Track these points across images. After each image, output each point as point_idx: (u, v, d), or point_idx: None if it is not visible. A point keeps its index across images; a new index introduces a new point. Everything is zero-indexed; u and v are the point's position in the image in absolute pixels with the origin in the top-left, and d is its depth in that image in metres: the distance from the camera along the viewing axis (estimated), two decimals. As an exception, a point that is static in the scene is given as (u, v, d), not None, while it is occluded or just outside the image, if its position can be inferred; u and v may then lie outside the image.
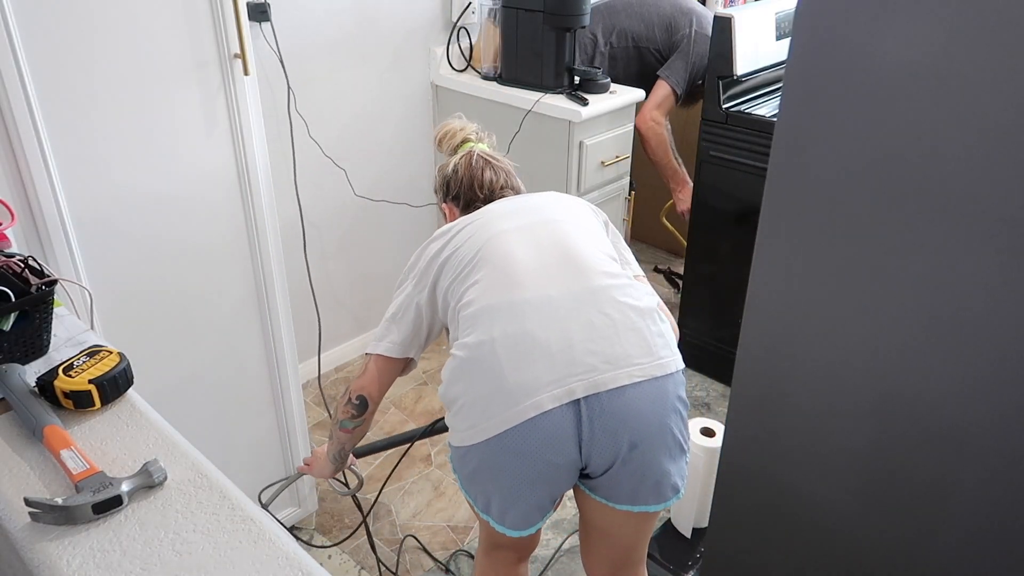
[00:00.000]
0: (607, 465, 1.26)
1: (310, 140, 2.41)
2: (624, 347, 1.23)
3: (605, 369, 1.21)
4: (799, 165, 1.09)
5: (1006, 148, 0.91)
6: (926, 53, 0.93)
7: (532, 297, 1.26)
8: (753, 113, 2.37)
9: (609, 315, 1.25)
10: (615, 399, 1.21)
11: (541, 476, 1.25)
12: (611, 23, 2.72)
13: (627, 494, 1.30)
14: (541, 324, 1.23)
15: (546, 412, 1.19)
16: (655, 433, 1.25)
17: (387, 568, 2.03)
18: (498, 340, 1.24)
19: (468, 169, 1.57)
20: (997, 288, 0.97)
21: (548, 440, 1.21)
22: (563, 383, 1.20)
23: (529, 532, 1.32)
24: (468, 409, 1.25)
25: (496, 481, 1.27)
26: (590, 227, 1.43)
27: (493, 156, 1.60)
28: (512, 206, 1.45)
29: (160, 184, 1.55)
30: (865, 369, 1.13)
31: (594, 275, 1.30)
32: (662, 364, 1.25)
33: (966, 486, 1.09)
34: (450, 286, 1.36)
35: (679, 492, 1.33)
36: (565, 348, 1.22)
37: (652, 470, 1.27)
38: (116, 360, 1.08)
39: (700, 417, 2.17)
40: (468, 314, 1.29)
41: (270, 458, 2.00)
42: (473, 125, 1.68)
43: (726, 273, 2.56)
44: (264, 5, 2.11)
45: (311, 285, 2.37)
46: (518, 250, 1.32)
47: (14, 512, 0.90)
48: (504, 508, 1.29)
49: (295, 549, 0.85)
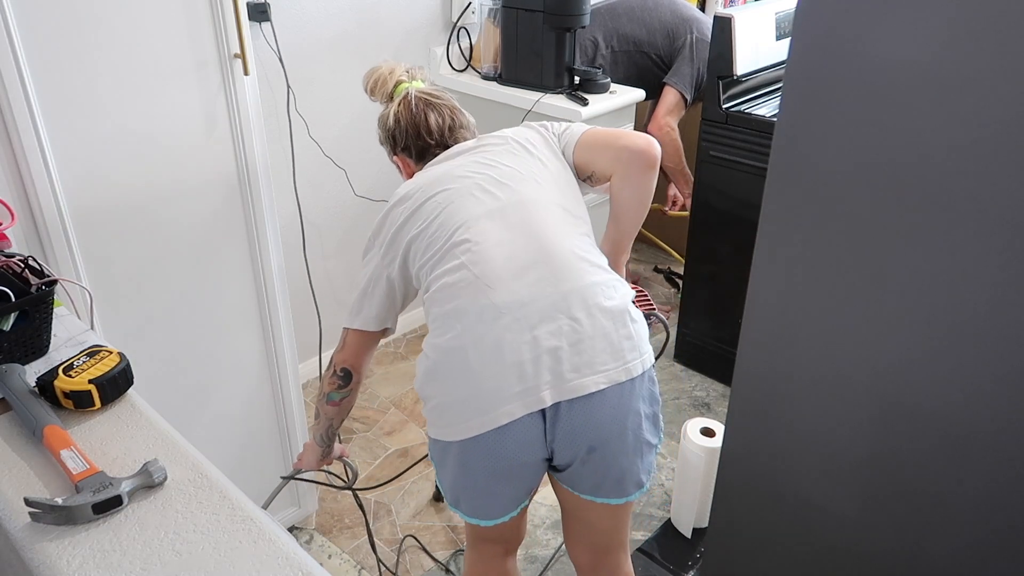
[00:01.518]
0: (567, 463, 1.32)
1: (310, 140, 2.41)
2: (592, 354, 1.25)
3: (572, 377, 1.24)
4: (799, 165, 1.09)
5: (1006, 148, 0.91)
6: (926, 53, 0.93)
7: (504, 302, 1.25)
8: (753, 113, 2.37)
9: (579, 320, 1.26)
10: (576, 407, 1.25)
11: (512, 473, 1.30)
12: (612, 27, 2.73)
13: (589, 487, 1.36)
14: (513, 331, 1.24)
15: (517, 419, 1.23)
16: (614, 437, 1.28)
17: (387, 568, 2.03)
18: (469, 348, 1.25)
19: (410, 116, 1.50)
20: (997, 288, 0.97)
21: (519, 443, 1.26)
22: (534, 392, 1.23)
23: (502, 520, 1.36)
24: (443, 409, 1.29)
25: (468, 477, 1.31)
26: (561, 193, 1.38)
27: (432, 94, 1.53)
28: (481, 171, 1.38)
29: (160, 184, 1.55)
30: (865, 368, 1.13)
31: (567, 275, 1.28)
32: (628, 368, 1.27)
33: (967, 486, 1.09)
34: (420, 269, 1.35)
35: (643, 487, 1.37)
36: (535, 357, 1.23)
37: (612, 469, 1.32)
38: (116, 360, 1.08)
39: (700, 417, 2.18)
40: (440, 312, 1.29)
41: (270, 458, 2.00)
42: (403, 64, 1.59)
43: (726, 273, 2.56)
44: (264, 5, 2.11)
45: (311, 285, 2.37)
46: (491, 245, 1.29)
47: (14, 512, 0.90)
48: (475, 503, 1.35)
49: (295, 549, 0.85)
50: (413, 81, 1.56)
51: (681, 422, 2.34)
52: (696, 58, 2.69)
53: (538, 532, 2.13)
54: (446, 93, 1.56)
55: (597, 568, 1.52)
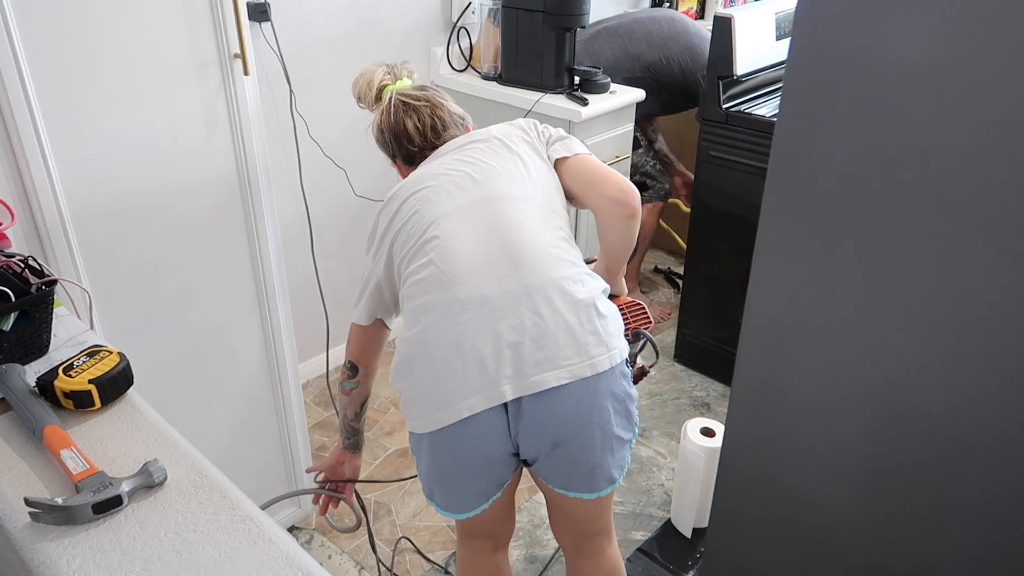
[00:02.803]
0: (534, 457, 1.33)
1: (310, 140, 2.41)
2: (554, 349, 1.25)
3: (533, 373, 1.24)
4: (799, 165, 1.09)
5: (1007, 148, 0.91)
6: (926, 53, 0.93)
7: (468, 297, 1.27)
8: (753, 113, 2.37)
9: (542, 315, 1.26)
10: (538, 402, 1.25)
11: (478, 467, 1.32)
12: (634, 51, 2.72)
13: (559, 482, 1.37)
14: (475, 326, 1.26)
15: (478, 414, 1.25)
16: (579, 433, 1.28)
17: (387, 568, 2.03)
18: (433, 343, 1.27)
19: (391, 125, 1.50)
20: (997, 288, 0.97)
21: (482, 437, 1.28)
22: (493, 387, 1.25)
23: (474, 513, 1.38)
24: (413, 402, 1.32)
25: (438, 468, 1.34)
26: (536, 189, 1.39)
27: (411, 95, 1.51)
28: (459, 168, 1.39)
29: (160, 184, 1.55)
30: (865, 369, 1.13)
31: (532, 268, 1.29)
32: (593, 364, 1.27)
33: (966, 486, 1.09)
34: (398, 266, 1.38)
35: (615, 482, 1.37)
36: (497, 352, 1.25)
37: (579, 465, 1.32)
38: (116, 360, 1.08)
39: (700, 417, 2.17)
40: (410, 307, 1.33)
41: (270, 458, 2.00)
42: (383, 65, 1.57)
43: (726, 273, 2.56)
44: (264, 5, 2.11)
45: (319, 284, 2.37)
46: (459, 241, 1.30)
47: (14, 512, 0.90)
48: (447, 495, 1.38)
49: (295, 549, 0.85)
50: (397, 81, 1.55)
51: (681, 422, 2.34)
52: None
53: (538, 532, 2.13)
54: (429, 90, 1.53)
55: (581, 550, 1.55)
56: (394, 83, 1.55)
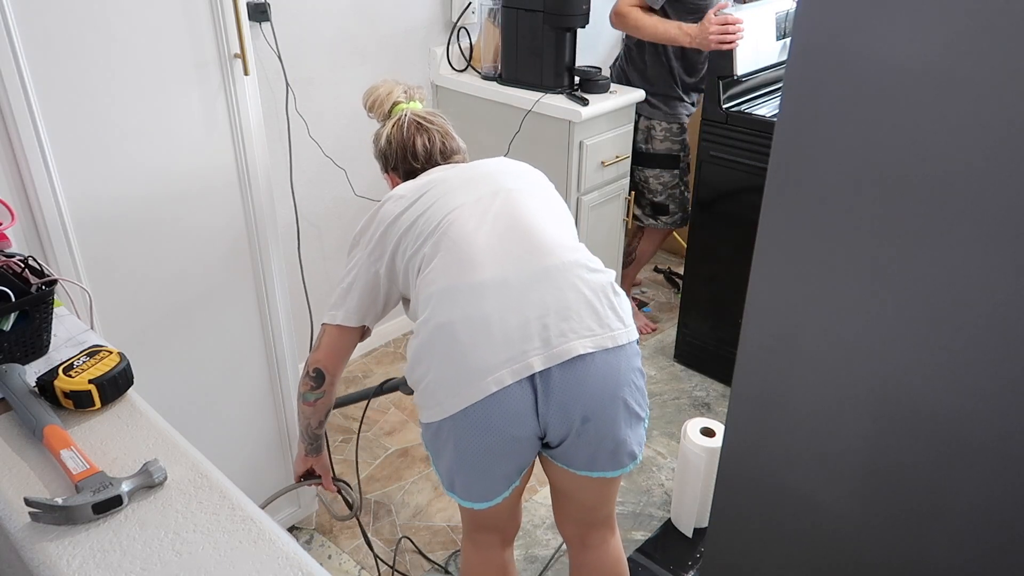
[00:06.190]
0: (562, 437, 1.33)
1: (310, 140, 2.41)
2: (577, 320, 1.29)
3: (559, 342, 1.27)
4: (799, 165, 1.09)
5: (1007, 148, 0.91)
6: (926, 53, 0.93)
7: (489, 279, 1.30)
8: (753, 113, 2.37)
9: (563, 291, 1.30)
10: (567, 373, 1.27)
11: (505, 449, 1.31)
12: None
13: (584, 461, 1.37)
14: (499, 306, 1.28)
15: (507, 387, 1.25)
16: (607, 405, 1.30)
17: (383, 561, 2.03)
18: (458, 323, 1.28)
19: (400, 139, 1.56)
20: (997, 289, 0.97)
21: (509, 414, 1.27)
22: (521, 359, 1.26)
23: (495, 502, 1.38)
24: (433, 388, 1.31)
25: (461, 455, 1.32)
26: (542, 192, 1.47)
27: (425, 117, 1.58)
28: (465, 175, 1.46)
29: (160, 184, 1.55)
30: (865, 369, 1.13)
31: (548, 251, 1.34)
32: (614, 336, 1.30)
33: (966, 488, 1.09)
34: (411, 258, 1.39)
35: (636, 459, 1.39)
36: (522, 326, 1.27)
37: (607, 440, 1.34)
38: (116, 360, 1.08)
39: (700, 417, 2.17)
40: (428, 294, 1.33)
41: (270, 458, 2.00)
42: (401, 84, 1.64)
43: (726, 273, 2.56)
44: (264, 5, 2.11)
45: (304, 285, 2.36)
46: (475, 229, 1.35)
47: (14, 512, 0.90)
48: (469, 482, 1.36)
49: (295, 549, 0.85)
50: (411, 102, 1.62)
51: (681, 422, 2.34)
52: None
53: (538, 532, 2.13)
54: (440, 117, 1.60)
55: (585, 541, 1.56)
56: (407, 103, 1.61)
